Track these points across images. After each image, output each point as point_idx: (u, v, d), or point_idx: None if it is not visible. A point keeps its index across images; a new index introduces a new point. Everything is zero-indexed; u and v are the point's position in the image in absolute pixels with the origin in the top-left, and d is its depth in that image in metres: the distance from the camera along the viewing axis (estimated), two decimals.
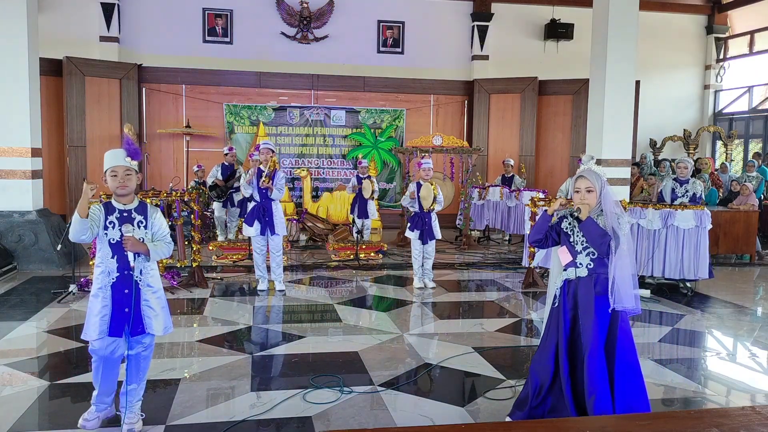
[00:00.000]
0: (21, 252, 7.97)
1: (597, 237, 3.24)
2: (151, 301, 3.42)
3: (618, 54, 9.16)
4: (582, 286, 3.32)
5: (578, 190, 3.34)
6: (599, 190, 3.30)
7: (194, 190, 7.99)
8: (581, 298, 3.31)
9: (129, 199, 3.40)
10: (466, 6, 13.71)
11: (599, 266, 3.28)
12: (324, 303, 6.57)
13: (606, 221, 3.26)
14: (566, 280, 3.41)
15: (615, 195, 3.33)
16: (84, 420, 3.46)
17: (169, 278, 7.13)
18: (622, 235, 3.20)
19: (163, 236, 3.48)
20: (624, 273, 3.20)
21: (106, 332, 3.33)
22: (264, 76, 12.41)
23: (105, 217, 3.33)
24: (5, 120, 8.07)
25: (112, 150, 3.39)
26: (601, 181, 3.33)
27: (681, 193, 7.66)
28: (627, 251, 3.22)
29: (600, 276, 3.27)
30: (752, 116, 14.90)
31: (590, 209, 3.30)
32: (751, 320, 6.26)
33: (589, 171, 3.36)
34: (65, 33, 11.92)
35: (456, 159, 11.17)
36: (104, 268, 3.35)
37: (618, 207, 3.28)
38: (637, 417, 2.77)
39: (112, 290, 3.34)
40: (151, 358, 3.59)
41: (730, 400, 4.22)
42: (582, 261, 3.33)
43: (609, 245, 3.22)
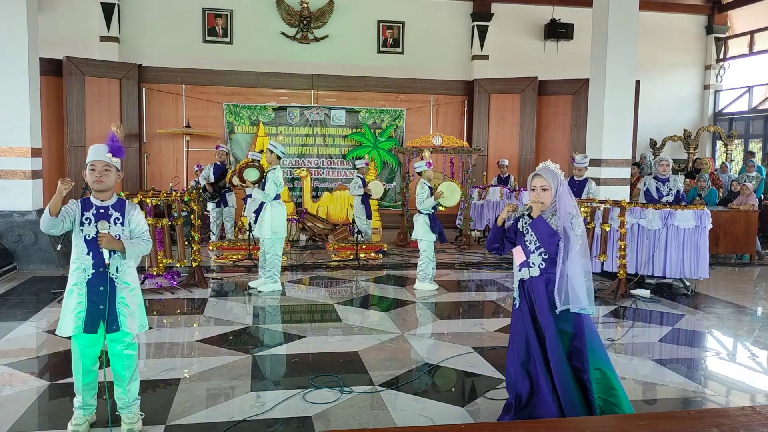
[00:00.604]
0: (21, 252, 7.97)
1: (546, 236, 3.21)
2: (127, 299, 3.39)
3: (618, 54, 9.16)
4: (535, 286, 3.29)
5: (534, 188, 3.29)
6: (555, 189, 3.25)
7: (194, 190, 7.99)
8: (536, 297, 3.28)
9: (107, 196, 3.38)
10: (466, 6, 13.71)
11: (551, 266, 3.24)
12: (324, 303, 6.57)
13: (559, 221, 3.21)
14: (521, 280, 3.37)
15: (572, 197, 3.29)
16: (74, 426, 3.41)
17: (169, 278, 7.13)
18: (574, 236, 3.16)
19: (141, 233, 3.44)
20: (574, 274, 3.15)
21: (81, 329, 3.31)
22: (264, 76, 12.41)
23: (81, 213, 3.32)
24: (5, 120, 8.07)
25: (96, 145, 3.39)
26: (557, 180, 3.27)
27: (665, 192, 7.65)
28: (580, 253, 3.17)
29: (552, 276, 3.22)
30: (752, 116, 14.90)
31: (544, 208, 3.26)
32: (751, 320, 6.25)
33: (546, 169, 3.30)
34: (65, 33, 11.92)
35: (456, 159, 11.17)
36: (80, 264, 3.32)
37: (574, 208, 3.23)
38: (637, 417, 2.76)
39: (88, 287, 3.31)
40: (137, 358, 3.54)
41: (730, 400, 4.21)
42: (534, 261, 3.30)
43: (558, 245, 3.18)
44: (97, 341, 3.39)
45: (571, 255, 3.15)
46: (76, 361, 3.40)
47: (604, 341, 5.34)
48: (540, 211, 3.26)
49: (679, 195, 7.63)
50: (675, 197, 7.59)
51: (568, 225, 3.18)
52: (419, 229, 7.11)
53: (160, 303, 6.44)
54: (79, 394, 3.43)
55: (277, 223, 6.82)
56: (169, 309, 6.24)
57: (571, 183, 8.20)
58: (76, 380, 3.44)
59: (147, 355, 4.87)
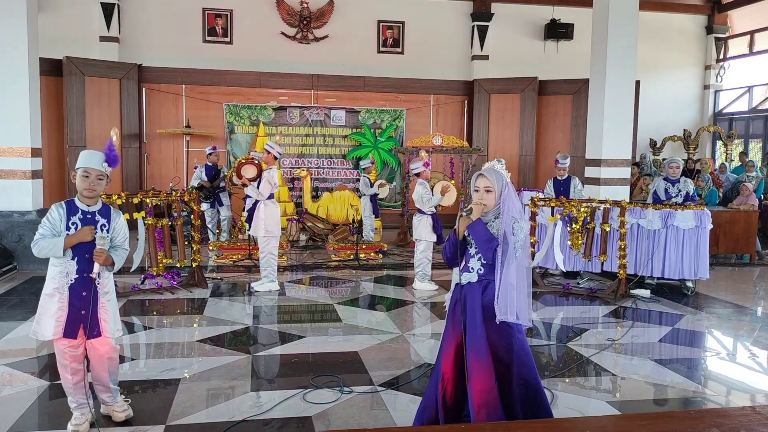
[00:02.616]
0: (21, 252, 7.97)
1: (483, 241, 3.02)
2: (107, 304, 3.44)
3: (618, 54, 9.16)
4: (471, 292, 3.09)
5: (477, 189, 3.10)
6: (499, 191, 3.06)
7: (194, 190, 8.00)
8: (468, 305, 3.09)
9: (94, 201, 3.38)
10: (466, 6, 13.71)
11: (489, 273, 3.06)
12: (324, 303, 6.57)
13: (501, 226, 3.02)
14: (458, 284, 3.19)
15: (518, 201, 3.10)
16: (74, 426, 3.43)
17: (169, 278, 7.13)
18: (515, 241, 2.97)
19: (122, 242, 3.46)
20: (511, 282, 2.97)
21: (61, 333, 3.33)
22: (264, 76, 12.41)
23: (67, 218, 3.30)
24: (5, 120, 8.07)
25: (91, 150, 3.38)
26: (502, 181, 3.08)
27: (674, 193, 7.64)
28: (521, 259, 3.00)
29: (490, 283, 3.05)
30: (752, 116, 14.90)
31: (486, 210, 3.08)
32: (751, 320, 6.25)
33: (491, 170, 3.12)
34: (65, 33, 11.92)
35: (456, 159, 11.17)
36: (62, 268, 3.31)
37: (519, 213, 3.04)
38: (637, 417, 2.76)
39: (70, 292, 3.31)
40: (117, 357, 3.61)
41: (730, 400, 4.22)
42: (474, 265, 3.12)
43: (495, 251, 3.00)
44: (80, 342, 3.43)
45: (510, 262, 2.96)
46: (63, 363, 3.42)
47: (605, 341, 5.35)
48: (480, 213, 3.06)
49: (688, 197, 7.60)
50: (684, 199, 7.56)
51: (509, 230, 2.98)
52: (422, 230, 7.11)
53: (160, 303, 6.44)
54: (70, 395, 3.47)
55: (270, 222, 6.85)
56: (169, 309, 6.24)
57: (556, 183, 8.21)
58: (64, 381, 3.47)
59: (147, 355, 4.88)
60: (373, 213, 9.86)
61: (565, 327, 5.85)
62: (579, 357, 4.94)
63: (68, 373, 3.42)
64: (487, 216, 3.10)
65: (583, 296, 7.00)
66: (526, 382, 3.05)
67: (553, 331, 5.77)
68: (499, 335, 3.03)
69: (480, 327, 3.03)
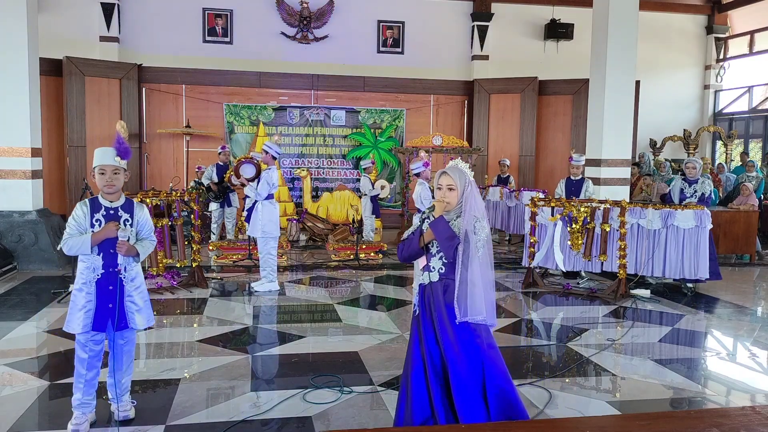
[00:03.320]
0: (21, 252, 7.97)
1: (444, 239, 2.99)
2: (134, 296, 3.50)
3: (618, 54, 9.16)
4: (434, 292, 3.07)
5: (440, 187, 3.08)
6: (462, 189, 3.04)
7: (194, 190, 8.00)
8: (434, 304, 3.06)
9: (116, 197, 3.47)
10: (466, 6, 13.71)
11: (450, 272, 3.03)
12: (324, 303, 6.57)
13: (462, 224, 3.00)
14: (421, 284, 3.16)
15: (481, 200, 3.09)
16: (74, 426, 3.44)
17: (169, 278, 7.13)
18: (476, 240, 2.95)
19: (148, 234, 3.56)
20: (473, 282, 2.94)
21: (90, 326, 3.39)
22: (264, 76, 12.40)
23: (91, 215, 3.39)
24: (5, 120, 8.07)
25: (103, 147, 3.47)
26: (465, 180, 3.07)
27: (690, 193, 7.60)
28: (483, 259, 2.98)
29: (451, 282, 3.02)
30: (752, 116, 14.90)
31: (448, 208, 3.06)
32: (751, 320, 6.25)
33: (454, 168, 3.10)
34: (65, 33, 11.92)
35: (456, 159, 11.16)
36: (89, 264, 3.40)
37: (481, 212, 3.03)
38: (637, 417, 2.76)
39: (97, 286, 3.40)
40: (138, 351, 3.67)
41: (730, 400, 4.22)
42: (435, 264, 3.09)
43: (456, 249, 2.97)
44: (103, 338, 3.49)
45: (471, 261, 2.94)
46: (81, 357, 3.45)
47: (605, 341, 5.35)
48: (442, 211, 3.05)
49: (704, 198, 7.56)
50: (700, 200, 7.53)
51: (470, 228, 2.96)
52: None
53: (160, 303, 6.44)
54: (78, 392, 3.47)
55: (268, 222, 6.85)
56: (169, 309, 6.24)
57: (568, 183, 8.19)
58: (78, 376, 3.46)
59: (147, 355, 4.87)
60: (373, 213, 9.86)
61: (565, 327, 5.85)
62: (579, 357, 4.94)
63: (84, 367, 3.45)
64: (450, 214, 3.08)
65: (583, 296, 7.00)
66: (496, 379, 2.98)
67: (553, 331, 5.77)
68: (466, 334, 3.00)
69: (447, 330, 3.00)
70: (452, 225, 3.04)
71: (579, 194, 7.96)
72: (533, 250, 7.41)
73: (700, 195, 7.55)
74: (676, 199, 7.67)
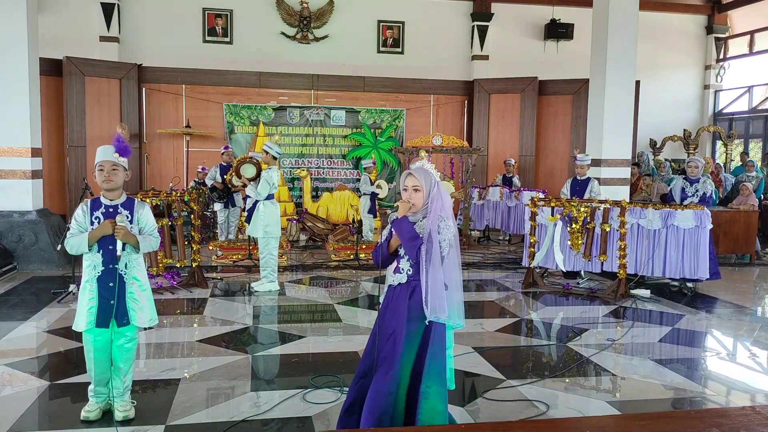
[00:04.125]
0: (21, 252, 7.97)
1: (406, 239, 2.96)
2: (136, 293, 3.54)
3: (618, 54, 9.16)
4: (400, 294, 3.05)
5: (406, 188, 3.05)
6: (428, 190, 3.01)
7: (194, 190, 8.00)
8: (395, 304, 3.04)
9: (116, 195, 3.52)
10: (466, 6, 13.71)
11: (418, 273, 2.99)
12: (324, 303, 6.57)
13: (427, 225, 2.96)
14: (390, 286, 3.13)
15: (448, 201, 3.05)
16: (86, 413, 3.57)
17: (169, 278, 7.13)
18: (441, 240, 2.92)
19: (150, 231, 3.59)
20: (439, 280, 2.91)
21: (94, 323, 3.45)
22: (264, 76, 12.40)
23: (91, 213, 3.45)
24: (5, 120, 8.07)
25: (103, 146, 3.53)
26: (431, 180, 3.04)
27: (691, 193, 7.59)
28: (449, 259, 2.95)
29: (418, 284, 2.99)
30: (752, 116, 14.90)
31: (414, 210, 3.02)
32: (751, 320, 6.25)
33: (420, 169, 3.08)
34: (65, 33, 11.91)
35: (456, 159, 11.17)
36: (90, 261, 3.47)
37: (447, 212, 3.00)
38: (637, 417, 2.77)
39: (98, 283, 3.46)
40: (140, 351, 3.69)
41: (730, 400, 4.21)
42: (404, 266, 3.06)
43: (419, 249, 2.94)
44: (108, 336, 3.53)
45: (435, 262, 2.91)
46: (89, 354, 3.54)
47: (605, 341, 5.35)
48: (406, 211, 3.01)
49: (705, 197, 7.56)
50: (701, 199, 7.53)
51: (435, 228, 2.93)
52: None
53: (160, 303, 6.42)
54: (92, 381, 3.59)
55: (269, 222, 6.85)
56: (169, 309, 6.23)
57: (574, 182, 8.18)
58: (90, 370, 3.57)
59: (147, 355, 4.87)
60: (370, 212, 9.80)
61: (565, 327, 5.85)
62: (579, 357, 4.94)
63: (93, 365, 3.54)
64: (416, 216, 3.04)
65: (583, 296, 7.00)
66: (431, 381, 2.94)
67: (553, 331, 5.77)
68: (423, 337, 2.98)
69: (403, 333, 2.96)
70: (417, 226, 3.00)
71: (584, 194, 7.93)
72: (533, 250, 7.41)
73: (702, 194, 7.54)
74: (677, 199, 7.66)
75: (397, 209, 3.03)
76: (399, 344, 2.96)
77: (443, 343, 3.05)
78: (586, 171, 8.15)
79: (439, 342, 3.01)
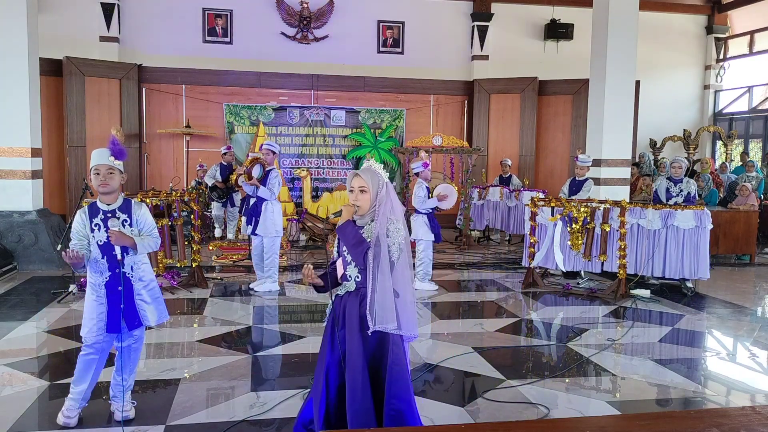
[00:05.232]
0: (21, 252, 7.96)
1: (352, 245, 2.83)
2: (144, 294, 3.55)
3: (618, 54, 9.15)
4: (349, 302, 2.89)
5: (352, 189, 2.92)
6: (375, 192, 2.87)
7: (194, 190, 8.00)
8: (348, 315, 2.87)
9: (112, 198, 3.48)
10: (466, 6, 13.70)
11: (365, 280, 2.84)
12: (324, 303, 6.56)
13: (375, 228, 2.82)
14: (337, 295, 2.98)
15: (398, 203, 2.92)
16: (66, 417, 3.53)
17: (169, 278, 7.13)
18: (389, 244, 2.79)
19: (149, 231, 3.56)
20: (387, 288, 2.77)
21: (104, 329, 3.45)
22: (264, 76, 12.40)
23: (90, 220, 3.42)
24: (5, 120, 8.07)
25: (98, 149, 3.49)
26: (378, 181, 2.89)
27: (675, 193, 7.67)
28: (399, 264, 2.82)
29: (366, 291, 2.82)
30: (752, 116, 14.89)
31: (360, 212, 2.89)
32: (751, 320, 6.25)
33: (367, 169, 2.92)
34: (65, 33, 11.91)
35: (456, 159, 11.17)
36: (96, 269, 3.46)
37: (394, 214, 2.86)
38: (637, 417, 2.76)
39: (106, 289, 3.45)
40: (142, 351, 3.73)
41: (730, 400, 4.21)
42: (351, 273, 2.91)
43: (365, 255, 2.79)
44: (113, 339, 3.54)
45: (384, 267, 2.76)
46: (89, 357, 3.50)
47: (605, 341, 5.35)
48: (350, 215, 2.89)
49: (689, 197, 7.61)
50: (685, 199, 7.56)
51: (383, 232, 2.79)
52: (419, 230, 7.12)
53: None
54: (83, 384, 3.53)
55: (279, 221, 6.90)
56: (169, 309, 6.16)
57: (572, 183, 8.19)
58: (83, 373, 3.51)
59: (147, 355, 4.87)
60: None
61: (565, 327, 5.85)
62: (579, 357, 4.94)
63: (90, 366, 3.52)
64: (363, 219, 2.90)
65: (583, 296, 7.00)
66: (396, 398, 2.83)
67: (553, 331, 5.77)
68: (376, 347, 2.86)
69: (357, 341, 2.83)
70: (365, 230, 2.87)
71: (579, 193, 7.97)
72: (533, 250, 7.41)
73: (686, 194, 7.59)
74: (663, 199, 7.70)
75: (339, 213, 2.88)
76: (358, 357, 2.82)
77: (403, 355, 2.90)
78: (585, 172, 8.17)
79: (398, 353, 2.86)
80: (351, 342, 2.85)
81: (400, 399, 2.84)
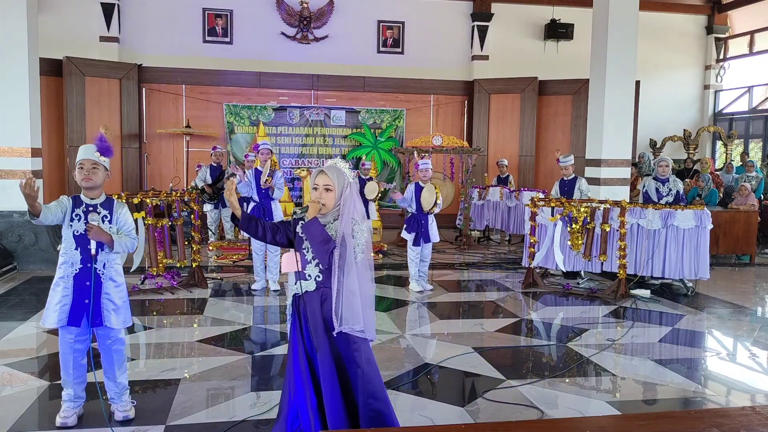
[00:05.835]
0: (21, 252, 7.97)
1: (318, 243, 2.78)
2: (112, 294, 3.51)
3: (618, 54, 9.15)
4: (309, 302, 2.85)
5: (316, 187, 2.88)
6: (340, 190, 2.85)
7: (194, 190, 7.99)
8: (310, 316, 2.84)
9: (96, 194, 3.51)
10: (466, 6, 13.71)
11: (328, 280, 2.82)
12: None
13: (340, 227, 2.81)
14: (295, 294, 2.93)
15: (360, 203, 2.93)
16: (62, 419, 3.53)
17: (169, 278, 7.13)
18: (354, 244, 2.77)
19: (128, 231, 3.56)
20: (351, 290, 2.75)
21: (65, 321, 3.43)
22: (264, 76, 12.40)
23: (72, 210, 3.46)
24: (5, 120, 8.07)
25: (85, 145, 3.52)
26: (344, 180, 2.88)
27: (666, 192, 7.69)
28: (362, 265, 2.80)
29: (329, 292, 2.81)
30: (752, 116, 14.90)
31: (324, 210, 2.86)
32: (751, 320, 6.25)
33: (332, 167, 2.91)
34: (65, 33, 11.91)
35: (456, 159, 11.17)
36: (67, 259, 3.47)
37: (360, 215, 2.86)
38: (637, 417, 2.76)
39: (74, 281, 3.45)
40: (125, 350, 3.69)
41: (730, 400, 4.21)
42: (311, 272, 2.86)
43: (332, 254, 2.77)
44: (86, 336, 3.52)
45: (350, 267, 2.75)
46: (65, 355, 3.51)
47: (605, 341, 5.35)
48: (317, 212, 2.83)
49: (678, 195, 7.66)
50: (675, 198, 7.61)
51: (348, 232, 2.78)
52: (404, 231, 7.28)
53: (160, 303, 6.44)
54: (68, 387, 3.54)
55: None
56: (169, 309, 6.24)
57: (562, 183, 8.19)
58: (65, 374, 3.53)
59: (147, 355, 4.88)
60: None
61: (565, 327, 5.85)
62: (579, 357, 4.94)
63: (70, 367, 3.50)
64: (327, 217, 2.88)
65: (583, 296, 7.00)
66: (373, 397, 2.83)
67: (553, 331, 5.77)
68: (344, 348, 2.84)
69: (324, 343, 2.81)
70: (328, 228, 2.84)
71: (572, 194, 7.97)
72: (533, 250, 7.41)
73: (675, 192, 7.65)
74: (655, 199, 7.71)
75: (306, 210, 2.84)
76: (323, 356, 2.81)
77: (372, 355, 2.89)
78: (570, 171, 8.18)
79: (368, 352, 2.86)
80: (319, 344, 2.83)
81: (377, 399, 2.84)
